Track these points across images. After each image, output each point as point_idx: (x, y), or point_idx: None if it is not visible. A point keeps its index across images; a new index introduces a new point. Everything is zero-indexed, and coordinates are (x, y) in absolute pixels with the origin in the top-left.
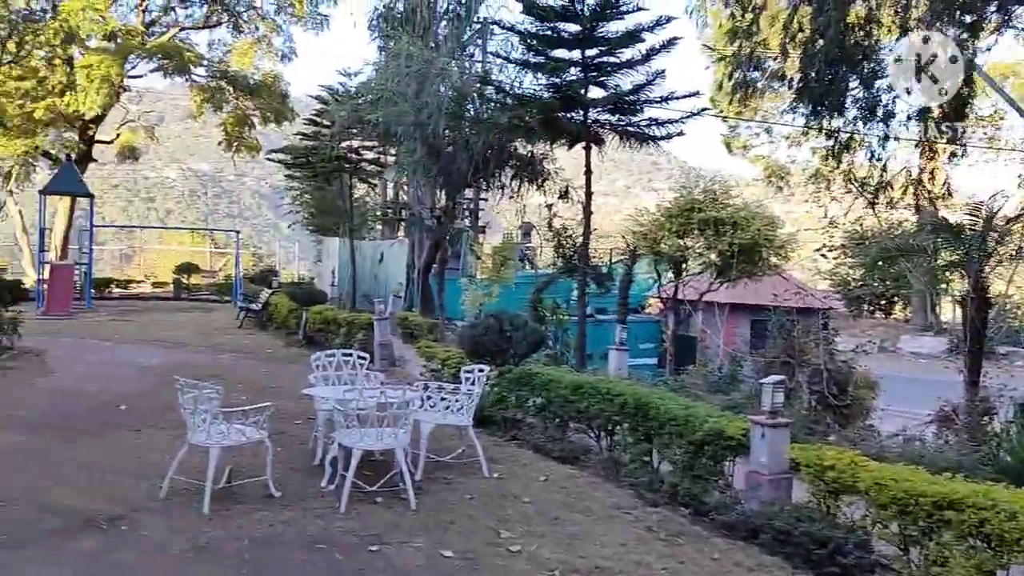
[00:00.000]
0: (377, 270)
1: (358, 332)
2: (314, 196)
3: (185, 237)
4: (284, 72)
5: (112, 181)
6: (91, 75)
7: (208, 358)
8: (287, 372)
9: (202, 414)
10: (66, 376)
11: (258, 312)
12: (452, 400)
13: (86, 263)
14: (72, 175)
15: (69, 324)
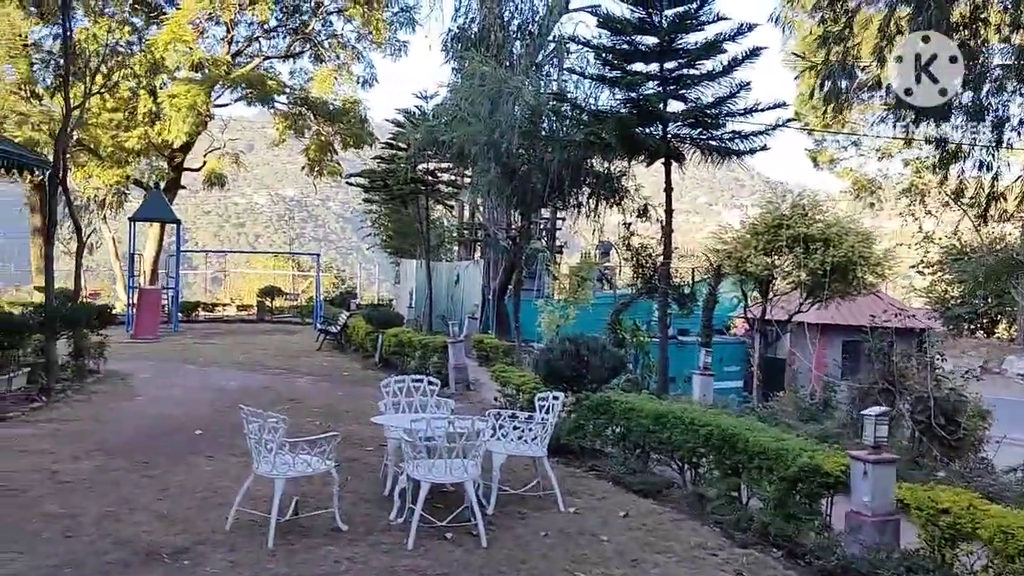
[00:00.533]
0: (453, 291)
1: (433, 355)
2: (392, 219)
3: (269, 261)
4: (364, 97)
5: (204, 208)
6: (177, 104)
7: (286, 381)
8: (362, 396)
9: (267, 444)
10: (148, 400)
11: (336, 334)
12: (525, 429)
13: (173, 287)
14: (160, 202)
15: (155, 347)
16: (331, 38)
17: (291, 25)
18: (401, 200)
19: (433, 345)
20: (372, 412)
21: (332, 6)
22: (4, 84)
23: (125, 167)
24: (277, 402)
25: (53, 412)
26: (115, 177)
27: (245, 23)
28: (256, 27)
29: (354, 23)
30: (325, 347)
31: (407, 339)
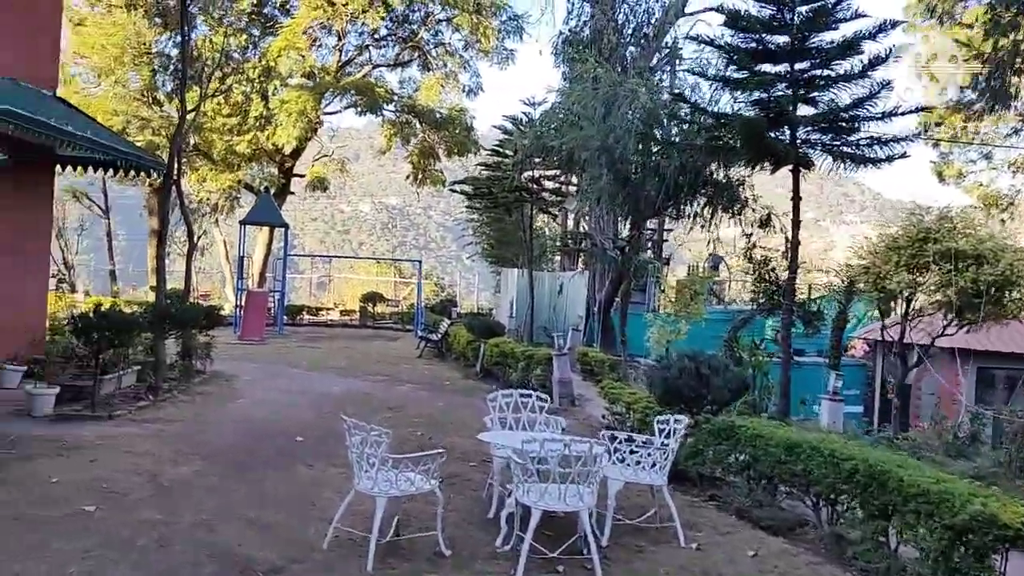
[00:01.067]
0: (556, 302)
1: (536, 367)
2: (493, 227)
3: (372, 267)
4: (469, 106)
5: (312, 215)
6: (288, 110)
7: (387, 388)
8: (463, 406)
9: (369, 459)
10: (251, 402)
11: (437, 342)
12: (644, 455)
13: (280, 290)
14: (270, 206)
15: (260, 349)
16: (439, 47)
17: (400, 34)
18: (505, 208)
19: (537, 357)
20: (474, 424)
21: (441, 15)
22: (128, 90)
23: (237, 171)
24: (378, 410)
25: (159, 411)
26: (227, 181)
27: (356, 32)
28: (366, 36)
29: (462, 32)
30: (425, 354)
31: (509, 350)
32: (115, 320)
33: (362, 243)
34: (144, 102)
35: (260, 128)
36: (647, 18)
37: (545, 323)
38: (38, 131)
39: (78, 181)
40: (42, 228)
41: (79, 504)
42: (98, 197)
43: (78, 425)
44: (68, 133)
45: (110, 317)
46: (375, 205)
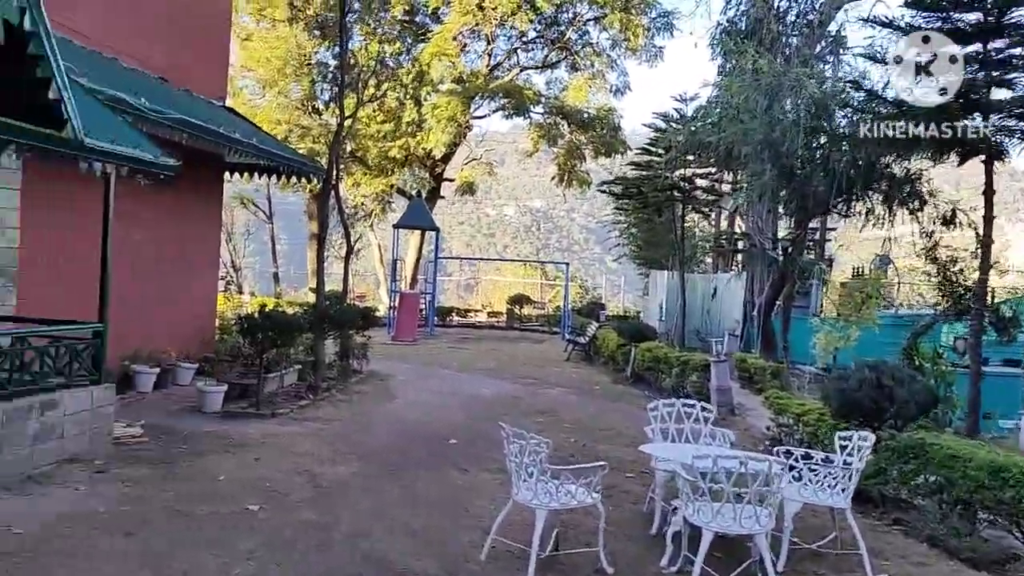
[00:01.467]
0: (709, 305)
1: (691, 374)
2: (642, 228)
3: (519, 269)
4: (616, 105)
5: (459, 218)
6: (439, 116)
7: (536, 391)
8: (615, 412)
9: (528, 468)
10: (404, 403)
11: (585, 345)
12: (824, 473)
13: (431, 292)
14: (421, 210)
15: (413, 350)
16: (586, 47)
17: (548, 36)
18: (655, 208)
19: (692, 363)
20: (627, 431)
21: (589, 15)
22: (290, 100)
23: (390, 176)
24: (529, 414)
25: (318, 410)
26: (380, 186)
27: (504, 37)
28: (515, 39)
29: (610, 31)
30: (573, 358)
31: (663, 355)
32: (278, 321)
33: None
34: (304, 111)
35: (411, 134)
36: (811, 4)
37: (697, 327)
38: (208, 138)
39: (245, 188)
40: (212, 232)
41: (244, 503)
42: (263, 203)
43: (244, 423)
44: (235, 140)
45: (273, 319)
46: (519, 208)
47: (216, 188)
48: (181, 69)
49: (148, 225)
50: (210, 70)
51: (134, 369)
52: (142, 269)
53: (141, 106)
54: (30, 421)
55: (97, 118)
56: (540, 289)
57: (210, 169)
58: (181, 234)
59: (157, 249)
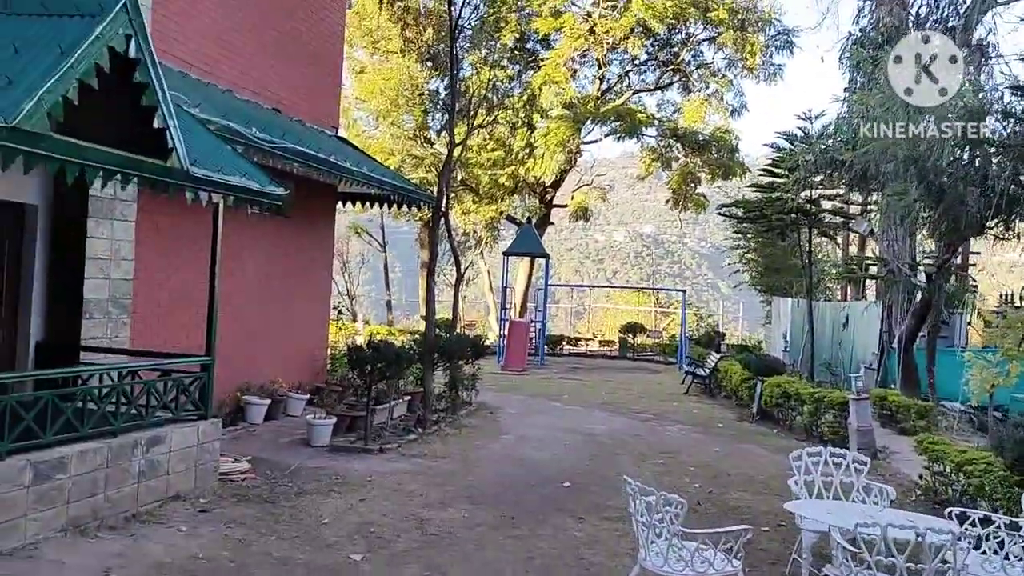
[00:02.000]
0: (840, 336)
1: (826, 412)
2: (762, 253)
3: (631, 296)
4: (734, 126)
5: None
6: (548, 141)
7: (655, 429)
8: (742, 454)
9: (657, 528)
10: (515, 439)
11: (705, 378)
12: (1011, 546)
13: (541, 320)
14: (532, 237)
15: (522, 380)
16: (701, 67)
17: (661, 57)
18: (779, 231)
19: (829, 400)
20: (759, 476)
21: (703, 35)
22: (403, 131)
23: (500, 204)
24: (648, 455)
25: (426, 446)
26: (490, 213)
27: (617, 61)
28: (627, 62)
29: (725, 50)
30: (692, 391)
31: (793, 391)
32: (387, 354)
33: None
34: (417, 141)
35: (521, 161)
36: (953, 9)
37: (828, 359)
38: (320, 167)
39: (359, 217)
40: (324, 262)
41: (347, 551)
42: (377, 232)
43: (350, 458)
44: (345, 169)
45: (382, 351)
46: (629, 233)
47: (329, 218)
48: (294, 99)
49: (261, 256)
50: (323, 100)
51: (246, 400)
52: (255, 299)
53: (252, 135)
54: (135, 458)
55: (206, 148)
56: (654, 317)
57: (323, 199)
58: (294, 264)
59: (270, 279)
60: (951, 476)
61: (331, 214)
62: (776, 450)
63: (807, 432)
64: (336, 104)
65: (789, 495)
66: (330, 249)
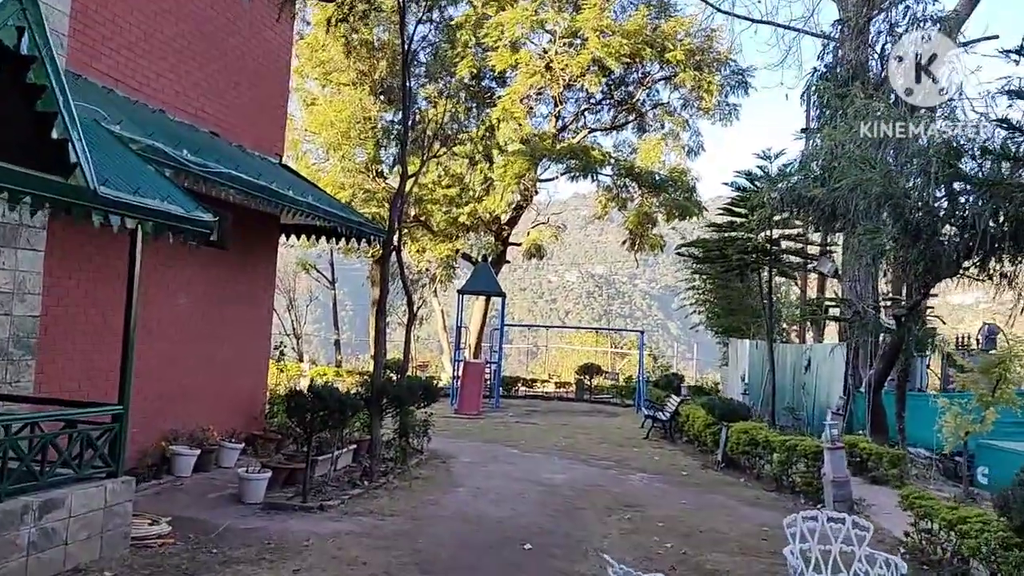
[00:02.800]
0: (804, 379)
1: (798, 461)
2: (719, 294)
3: (587, 337)
4: (690, 166)
5: (521, 285)
6: (504, 174)
7: (616, 478)
8: (712, 507)
9: None
10: (469, 493)
11: (665, 422)
12: None
13: (496, 361)
14: (487, 275)
15: (477, 425)
16: (656, 107)
17: (616, 97)
18: (738, 272)
19: (801, 448)
20: (732, 532)
21: (660, 74)
22: (355, 164)
23: (455, 241)
24: (613, 508)
25: (373, 502)
26: (446, 251)
27: (572, 100)
28: (582, 100)
29: (681, 90)
30: (652, 435)
31: (762, 438)
32: (329, 401)
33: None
34: (368, 175)
35: (478, 199)
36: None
37: (790, 403)
38: (258, 195)
39: (309, 253)
40: (264, 298)
41: None
42: (326, 269)
43: (287, 517)
44: (288, 198)
45: (324, 398)
46: (581, 274)
47: (271, 250)
48: (235, 124)
49: (196, 290)
50: (266, 125)
51: (172, 450)
52: (188, 338)
53: (182, 158)
54: (25, 527)
55: (124, 168)
56: (611, 358)
57: (265, 230)
58: (232, 300)
59: (205, 316)
60: (940, 534)
61: (273, 247)
62: (747, 502)
63: (777, 482)
64: (281, 130)
65: (769, 555)
66: (272, 284)
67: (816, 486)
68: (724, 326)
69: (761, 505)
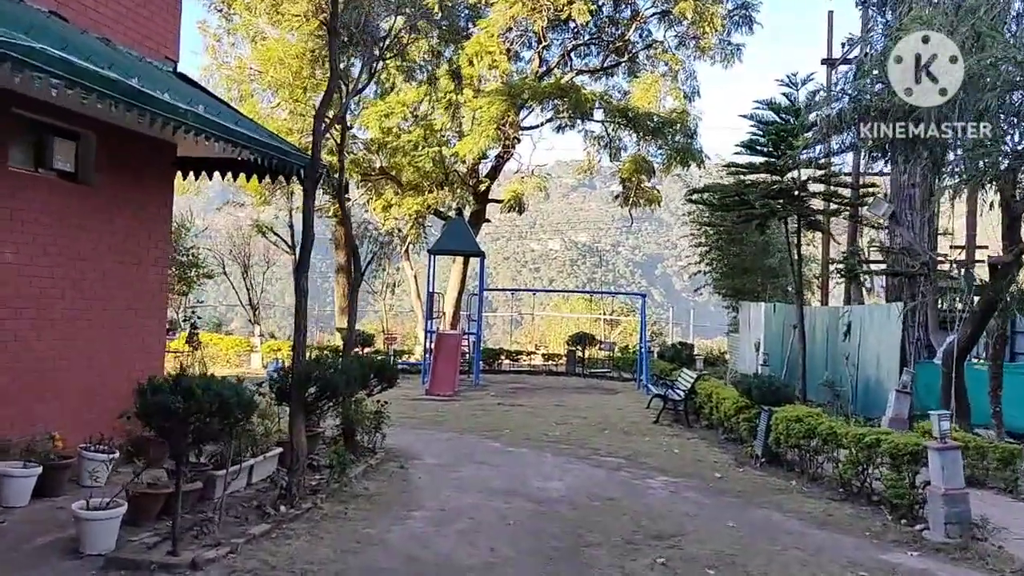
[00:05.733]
0: (844, 348)
1: (881, 462)
2: (728, 252)
3: (576, 303)
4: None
5: (504, 254)
6: (481, 116)
7: (631, 484)
8: (771, 531)
9: None
10: (430, 518)
11: (678, 403)
12: None
13: (475, 332)
14: (462, 231)
15: (451, 409)
16: (649, 47)
17: (605, 38)
18: (759, 223)
19: (888, 446)
20: None
21: (652, 10)
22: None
23: (427, 195)
24: (636, 542)
25: (281, 547)
26: (415, 206)
27: (557, 43)
28: (568, 40)
29: (677, 28)
30: (662, 419)
31: (824, 429)
32: (204, 400)
33: (552, 279)
34: None
35: (446, 143)
36: None
37: (829, 377)
38: (121, 99)
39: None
40: (152, 255)
41: None
42: (285, 232)
43: None
44: (164, 105)
45: (197, 395)
46: (564, 242)
47: (161, 190)
48: (97, 8)
49: (45, 243)
50: (150, 17)
51: None
52: (26, 311)
53: None
54: None
55: None
56: (604, 327)
57: (150, 162)
58: (100, 256)
59: (55, 279)
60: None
61: (166, 184)
62: (815, 521)
63: (845, 487)
64: (174, 27)
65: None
66: (165, 237)
67: (911, 499)
68: (734, 288)
69: (837, 527)
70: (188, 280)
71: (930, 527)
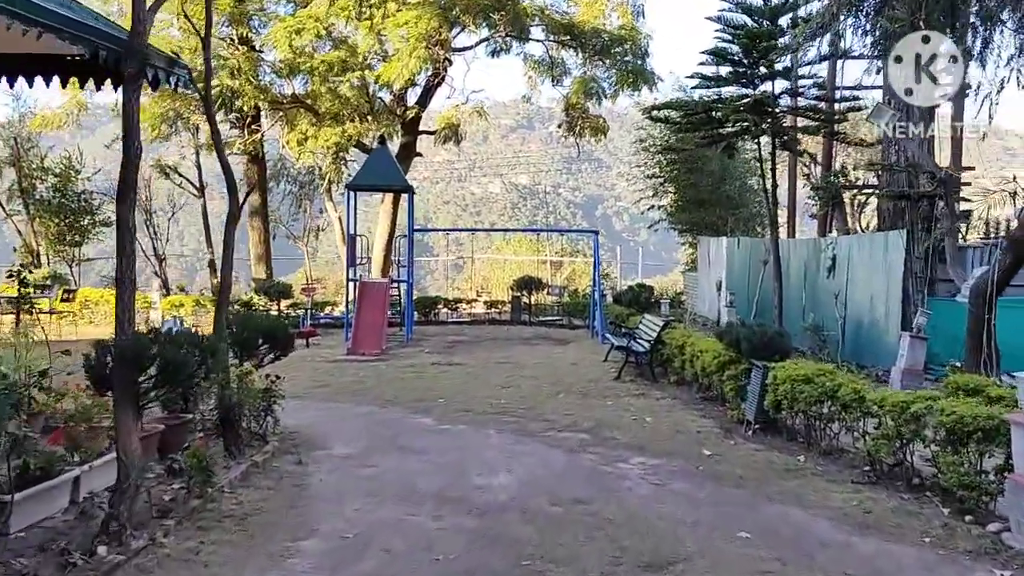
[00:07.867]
0: (828, 286)
1: (923, 436)
2: (681, 181)
3: (520, 244)
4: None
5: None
6: (409, 32)
7: (602, 473)
8: (804, 544)
9: None
10: (326, 551)
11: (641, 355)
12: None
13: (406, 280)
14: (386, 163)
15: (377, 371)
16: None
17: None
18: (727, 144)
19: (950, 418)
20: None
21: None
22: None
23: (347, 125)
24: (618, 573)
25: None
26: (335, 137)
27: None
28: None
29: None
30: (624, 373)
31: (847, 394)
32: None
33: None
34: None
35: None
36: None
37: (814, 320)
38: None
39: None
40: None
41: None
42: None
43: None
44: None
45: None
46: (505, 185)
47: None
48: None
49: None
50: None
51: None
52: None
53: None
54: None
55: None
56: (549, 269)
57: None
58: None
59: None
60: None
61: None
62: (854, 523)
63: (874, 467)
64: None
65: None
66: None
67: (973, 484)
68: (691, 222)
69: (884, 530)
70: (81, 229)
71: (1011, 528)
